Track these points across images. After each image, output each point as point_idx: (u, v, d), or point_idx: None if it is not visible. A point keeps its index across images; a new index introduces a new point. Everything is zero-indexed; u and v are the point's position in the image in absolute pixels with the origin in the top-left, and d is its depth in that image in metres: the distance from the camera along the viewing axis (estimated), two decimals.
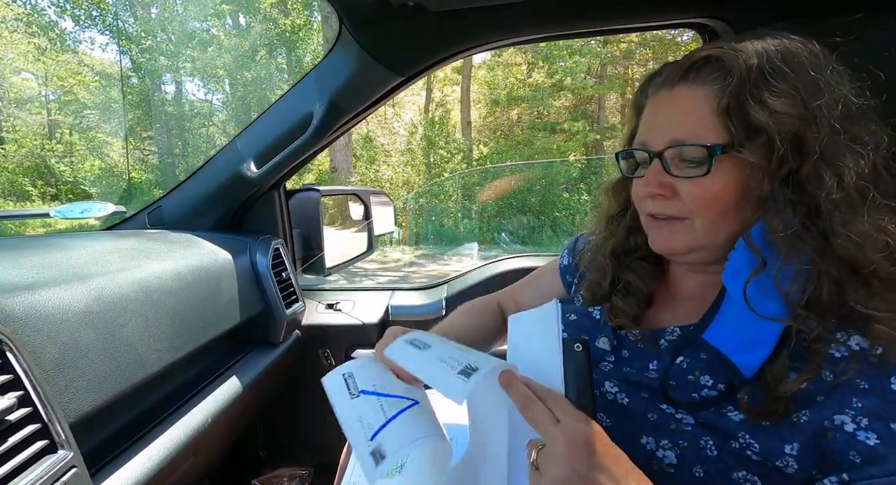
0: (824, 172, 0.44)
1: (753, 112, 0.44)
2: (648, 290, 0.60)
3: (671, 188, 0.51)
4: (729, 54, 0.47)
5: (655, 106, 0.53)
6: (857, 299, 0.42)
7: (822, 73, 0.46)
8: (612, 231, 0.64)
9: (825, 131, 0.44)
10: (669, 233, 0.53)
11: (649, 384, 0.52)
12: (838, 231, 0.43)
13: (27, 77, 14.84)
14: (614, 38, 11.41)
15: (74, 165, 14.12)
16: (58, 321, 0.57)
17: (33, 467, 0.50)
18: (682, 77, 0.50)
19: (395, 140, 12.74)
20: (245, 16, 13.11)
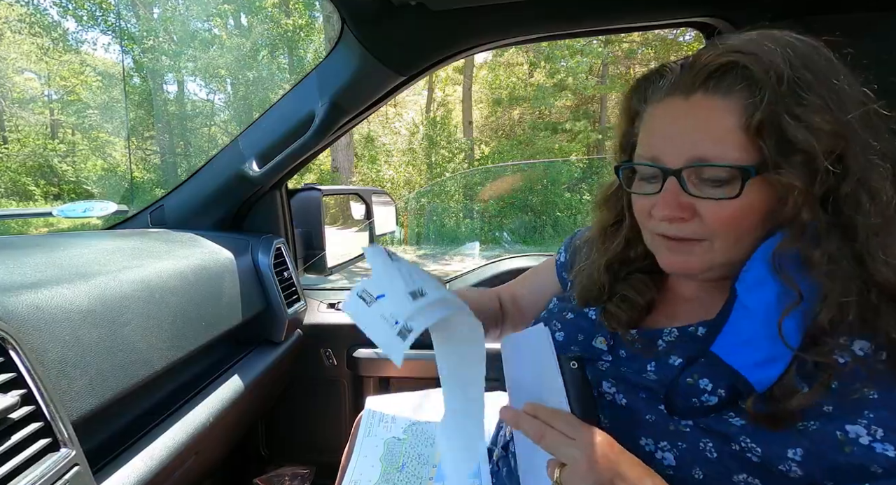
0: (861, 193, 0.41)
1: (791, 129, 0.41)
2: (646, 300, 0.57)
3: (691, 209, 0.46)
4: (755, 62, 0.42)
5: (666, 116, 0.47)
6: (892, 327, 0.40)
7: (841, 81, 0.43)
8: (608, 245, 0.61)
9: (860, 147, 0.41)
10: (686, 255, 0.49)
11: (647, 385, 0.51)
12: (877, 256, 0.40)
13: (30, 77, 14.89)
14: (616, 37, 11.39)
15: (77, 165, 14.16)
16: (60, 320, 0.58)
17: (35, 466, 0.50)
18: (701, 84, 0.44)
19: (396, 140, 12.75)
20: (247, 16, 13.13)
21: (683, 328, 0.52)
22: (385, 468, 0.73)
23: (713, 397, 0.46)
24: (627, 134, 0.54)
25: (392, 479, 0.71)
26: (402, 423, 0.83)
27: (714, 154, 0.43)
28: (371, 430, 0.79)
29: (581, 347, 0.59)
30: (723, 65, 0.44)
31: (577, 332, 0.60)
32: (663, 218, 0.48)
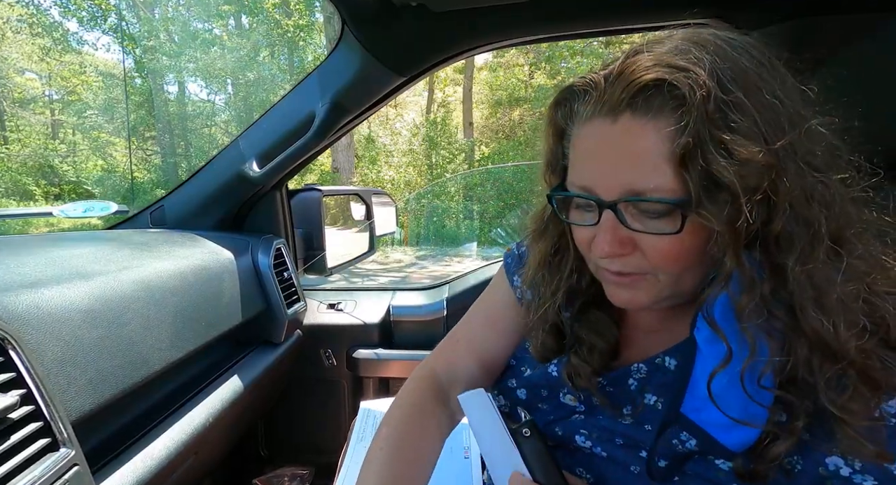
0: (793, 230, 0.36)
1: (715, 164, 0.35)
2: (609, 343, 0.51)
3: (631, 243, 0.42)
4: (681, 79, 0.36)
5: (593, 139, 0.41)
6: (828, 396, 0.35)
7: (775, 93, 0.37)
8: (555, 277, 0.53)
9: (792, 176, 0.36)
10: (633, 290, 0.45)
11: (624, 432, 0.48)
12: (807, 309, 0.36)
13: (31, 77, 14.91)
14: (616, 39, 11.39)
15: (77, 165, 14.18)
16: (60, 320, 0.58)
17: (35, 465, 0.50)
18: (629, 105, 0.38)
19: (396, 140, 12.75)
20: (248, 16, 13.15)
21: (650, 360, 0.48)
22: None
23: (693, 439, 0.42)
24: (555, 153, 0.48)
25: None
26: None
27: (648, 187, 0.38)
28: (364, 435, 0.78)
29: (549, 405, 0.54)
30: (650, 81, 0.37)
31: (539, 388, 0.55)
32: (603, 255, 0.43)
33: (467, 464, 0.68)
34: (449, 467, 0.68)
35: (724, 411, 0.39)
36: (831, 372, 0.35)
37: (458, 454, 0.70)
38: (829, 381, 0.36)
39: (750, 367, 0.37)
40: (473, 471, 0.67)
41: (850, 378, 0.35)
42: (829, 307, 0.35)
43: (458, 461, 0.68)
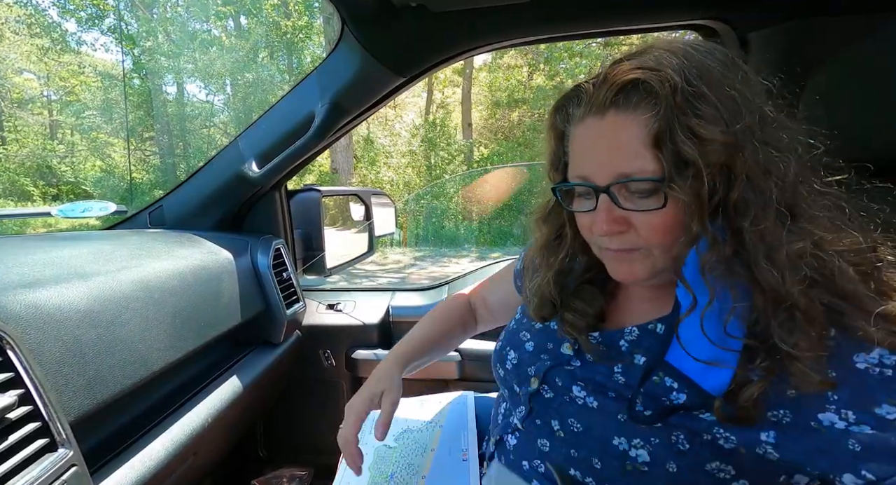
0: (749, 198, 0.42)
1: (681, 144, 0.42)
2: (595, 310, 0.59)
3: (626, 222, 0.48)
4: (654, 76, 0.43)
5: (587, 135, 0.49)
6: (779, 334, 0.41)
7: (735, 86, 0.44)
8: (551, 261, 0.61)
9: (749, 154, 0.42)
10: (630, 264, 0.51)
11: (616, 388, 0.52)
12: (760, 262, 0.42)
13: (29, 77, 14.88)
14: (615, 40, 11.41)
15: (76, 166, 14.15)
16: (59, 320, 0.57)
17: (33, 466, 0.50)
18: (612, 103, 0.46)
19: (396, 141, 12.75)
20: (246, 17, 13.15)
21: (643, 326, 0.54)
22: (373, 477, 0.72)
23: (682, 395, 0.46)
24: (557, 153, 0.55)
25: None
26: (394, 430, 0.81)
27: (633, 169, 0.45)
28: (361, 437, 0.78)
29: (550, 355, 0.60)
30: (628, 81, 0.45)
31: (545, 340, 0.62)
32: (602, 233, 0.50)
33: (465, 466, 0.68)
34: (447, 468, 0.69)
35: (695, 355, 0.45)
36: (782, 316, 0.41)
37: (457, 456, 0.70)
38: (782, 323, 0.41)
39: (717, 315, 0.44)
40: (471, 472, 0.67)
41: (797, 320, 0.41)
42: (778, 261, 0.41)
43: (457, 463, 0.69)
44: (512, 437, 0.61)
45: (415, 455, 0.73)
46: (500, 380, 0.68)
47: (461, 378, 1.31)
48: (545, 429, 0.56)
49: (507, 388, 0.65)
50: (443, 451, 0.72)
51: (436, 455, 0.71)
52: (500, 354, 0.68)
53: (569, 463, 0.52)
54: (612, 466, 0.49)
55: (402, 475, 0.70)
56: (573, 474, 0.52)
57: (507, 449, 0.61)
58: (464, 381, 1.31)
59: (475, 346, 1.32)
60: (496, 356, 0.69)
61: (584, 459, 0.51)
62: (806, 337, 0.40)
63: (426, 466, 0.70)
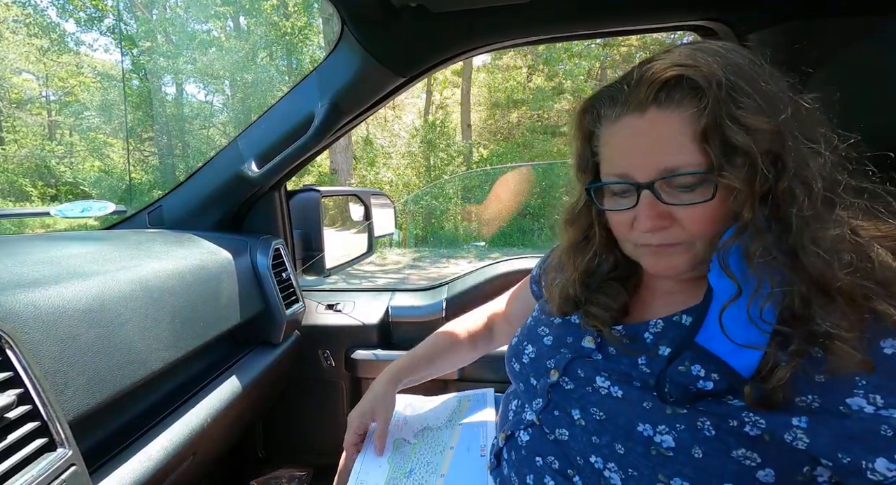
0: (796, 187, 0.43)
1: (732, 133, 0.43)
2: (619, 304, 0.60)
3: (669, 217, 0.49)
4: (696, 72, 0.45)
5: (625, 134, 0.50)
6: (822, 316, 0.42)
7: (769, 83, 0.45)
8: (577, 262, 0.62)
9: (794, 144, 0.44)
10: (670, 258, 0.52)
11: (642, 377, 0.52)
12: (808, 248, 0.42)
13: (28, 78, 14.88)
14: (614, 41, 11.44)
15: (74, 166, 14.13)
16: (58, 319, 0.57)
17: (32, 465, 0.50)
18: (653, 100, 0.47)
19: (395, 142, 12.75)
20: (246, 17, 13.14)
21: (668, 318, 0.54)
22: (392, 471, 0.72)
23: (708, 383, 0.47)
24: (584, 154, 0.56)
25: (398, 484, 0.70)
26: (414, 427, 0.81)
27: (679, 163, 0.46)
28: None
29: (570, 349, 0.61)
30: (670, 78, 0.46)
31: (565, 334, 0.63)
32: (647, 229, 0.50)
33: (483, 462, 0.69)
34: (465, 467, 0.69)
35: (732, 338, 0.45)
36: (824, 299, 0.42)
37: (476, 453, 0.71)
38: (823, 306, 0.42)
39: (754, 301, 0.44)
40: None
41: (839, 303, 0.42)
42: (824, 246, 0.42)
43: (475, 460, 0.69)
44: (524, 433, 0.61)
45: (434, 454, 0.73)
46: (515, 375, 0.68)
47: (461, 379, 1.31)
48: (565, 419, 0.56)
49: (523, 382, 0.65)
50: (461, 449, 0.72)
51: (455, 453, 0.71)
52: (516, 349, 0.68)
53: (590, 450, 0.52)
54: (635, 451, 0.48)
55: (420, 473, 0.70)
56: (593, 461, 0.52)
57: (518, 445, 0.61)
58: (463, 381, 1.31)
59: None
60: (512, 351, 0.69)
61: (607, 444, 0.51)
62: (847, 319, 0.41)
63: (445, 464, 0.70)
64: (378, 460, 0.74)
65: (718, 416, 0.45)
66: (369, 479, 0.71)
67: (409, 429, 0.81)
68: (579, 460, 0.53)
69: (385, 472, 0.71)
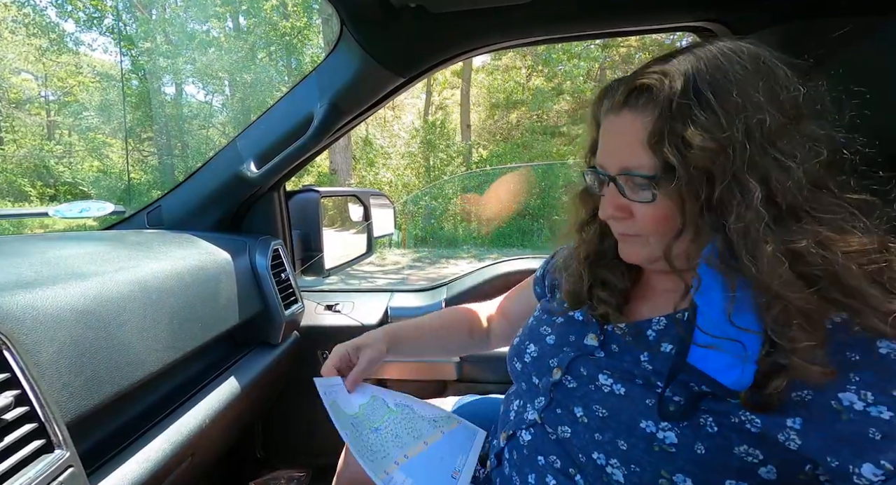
0: (733, 199, 0.44)
1: (666, 149, 0.46)
2: (623, 285, 0.62)
3: (627, 210, 0.53)
4: (659, 82, 0.47)
5: (606, 128, 0.54)
6: (773, 329, 0.42)
7: (748, 92, 0.45)
8: (584, 237, 0.66)
9: (738, 155, 0.44)
10: (632, 246, 0.56)
11: (644, 374, 0.53)
12: (743, 257, 0.44)
13: (27, 77, 14.86)
14: (613, 42, 11.45)
15: (73, 166, 14.11)
16: (55, 320, 0.57)
17: (30, 467, 0.49)
18: (625, 102, 0.51)
19: (394, 142, 12.75)
20: (245, 18, 13.14)
21: (671, 315, 0.55)
22: (361, 415, 0.69)
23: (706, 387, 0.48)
24: (594, 139, 0.59)
25: (361, 433, 0.66)
26: (398, 399, 0.77)
27: (634, 164, 0.50)
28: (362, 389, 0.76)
29: (573, 347, 0.61)
30: (639, 84, 0.49)
31: (567, 333, 0.64)
32: (604, 217, 0.56)
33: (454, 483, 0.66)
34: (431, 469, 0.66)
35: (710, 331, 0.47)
36: (776, 309, 0.42)
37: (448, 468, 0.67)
38: (776, 317, 0.43)
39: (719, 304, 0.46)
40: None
41: (791, 313, 0.42)
42: (759, 257, 0.43)
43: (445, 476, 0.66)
44: (526, 432, 0.61)
45: (406, 433, 0.70)
46: (517, 374, 0.68)
47: (459, 379, 1.31)
48: (567, 417, 0.56)
49: (525, 381, 0.65)
50: (436, 451, 0.70)
51: (427, 450, 0.69)
52: (518, 349, 0.69)
53: (592, 447, 0.52)
54: (638, 447, 0.49)
55: (386, 437, 0.67)
56: (596, 457, 0.52)
57: (519, 444, 0.61)
58: (462, 382, 1.31)
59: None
60: (514, 351, 0.70)
61: (610, 441, 0.51)
62: (802, 332, 0.42)
63: (413, 450, 0.67)
64: (350, 400, 0.71)
65: (719, 413, 0.46)
66: (339, 402, 0.69)
67: (392, 397, 0.77)
68: (581, 457, 0.53)
69: (353, 412, 0.69)
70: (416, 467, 0.64)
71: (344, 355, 0.77)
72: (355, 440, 0.64)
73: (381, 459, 0.62)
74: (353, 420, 0.68)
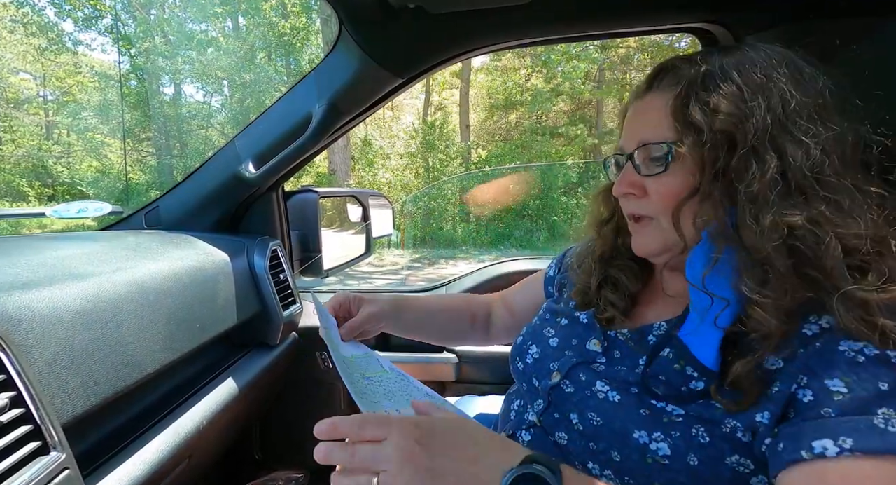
0: (749, 167, 0.46)
1: (693, 111, 0.49)
2: (634, 287, 0.63)
3: (641, 187, 0.55)
4: (682, 65, 0.53)
5: (630, 114, 0.58)
6: (748, 285, 0.45)
7: (772, 74, 0.48)
8: (601, 235, 0.67)
9: (759, 126, 0.46)
10: (645, 235, 0.57)
11: (639, 382, 0.53)
12: (745, 221, 0.46)
13: (25, 77, 14.83)
14: (612, 43, 11.47)
15: (72, 166, 14.09)
16: (52, 321, 0.57)
17: (25, 469, 0.49)
18: (649, 87, 0.55)
19: (394, 143, 12.75)
20: (244, 18, 13.13)
21: (671, 320, 0.56)
22: (353, 362, 0.67)
23: (700, 383, 0.49)
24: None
25: (353, 374, 0.63)
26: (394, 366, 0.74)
27: (651, 136, 0.53)
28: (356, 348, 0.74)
29: (575, 351, 0.61)
30: (662, 66, 0.55)
31: (571, 336, 0.64)
32: (618, 194, 0.58)
33: None
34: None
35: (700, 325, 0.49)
36: (757, 270, 0.45)
37: None
38: (753, 275, 0.45)
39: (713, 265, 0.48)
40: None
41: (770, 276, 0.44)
42: (761, 222, 0.45)
43: None
44: (526, 433, 0.61)
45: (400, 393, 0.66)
46: (518, 374, 0.68)
47: (458, 380, 1.30)
48: (564, 423, 0.57)
49: (525, 382, 0.66)
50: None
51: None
52: (520, 349, 0.69)
53: (587, 456, 0.53)
54: (631, 458, 0.49)
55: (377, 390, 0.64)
56: (591, 467, 0.52)
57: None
58: (460, 383, 1.31)
59: (471, 348, 1.32)
60: (516, 350, 0.70)
61: (604, 451, 0.51)
62: (773, 289, 0.44)
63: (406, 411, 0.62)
64: (343, 346, 0.70)
65: (711, 422, 0.46)
66: (333, 337, 0.68)
67: (389, 363, 0.74)
68: (578, 465, 0.53)
69: (347, 355, 0.67)
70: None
71: (344, 302, 0.77)
72: (347, 374, 0.61)
73: (371, 403, 0.59)
74: (345, 360, 0.65)
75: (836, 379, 0.41)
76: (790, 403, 0.43)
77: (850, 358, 0.42)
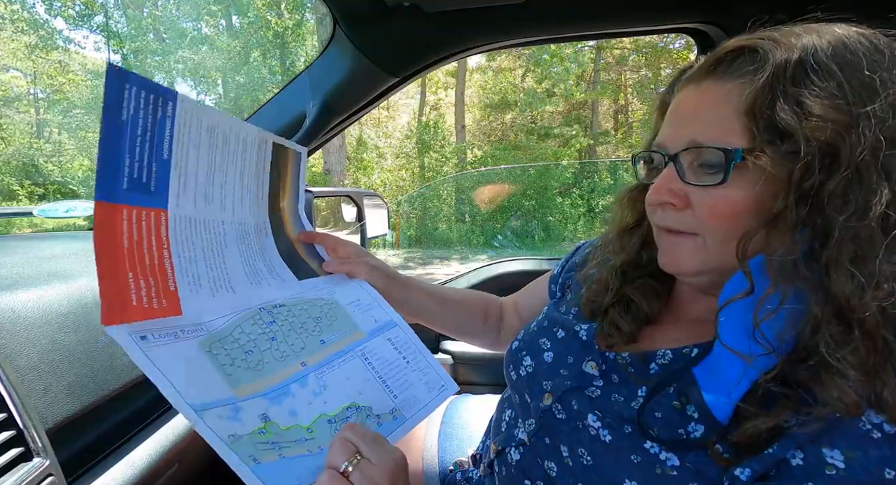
0: (851, 193, 0.36)
1: (782, 112, 0.38)
2: (649, 310, 0.54)
3: (684, 198, 0.44)
4: (766, 45, 0.40)
5: (678, 103, 0.47)
6: (828, 346, 0.36)
7: (880, 74, 0.38)
8: (624, 245, 0.58)
9: (866, 143, 0.36)
10: (678, 250, 0.47)
11: (633, 417, 0.46)
12: (843, 265, 0.36)
13: (15, 75, 14.65)
14: (607, 44, 11.53)
15: (63, 165, 13.95)
16: (37, 323, 0.56)
17: (7, 476, 0.48)
18: (711, 70, 0.43)
19: (389, 143, 12.74)
20: (238, 16, 13.07)
21: (677, 350, 0.48)
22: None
23: (700, 427, 0.42)
24: (657, 127, 0.52)
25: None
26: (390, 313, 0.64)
27: (707, 137, 0.42)
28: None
29: (570, 373, 0.55)
30: (735, 49, 0.43)
31: (566, 353, 0.57)
32: (653, 202, 0.47)
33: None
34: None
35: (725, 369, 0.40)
36: (838, 329, 0.36)
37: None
38: (834, 335, 0.36)
39: (761, 307, 0.38)
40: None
41: (855, 335, 0.35)
42: (864, 269, 0.36)
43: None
44: (515, 451, 0.57)
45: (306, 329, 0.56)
46: (511, 383, 0.63)
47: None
48: (554, 452, 0.51)
49: (518, 395, 0.61)
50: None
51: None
52: (515, 357, 0.63)
53: None
54: None
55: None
56: None
57: (508, 462, 0.57)
58: (459, 384, 1.30)
59: (467, 348, 1.31)
60: (510, 357, 0.65)
61: None
62: (857, 355, 0.35)
63: (314, 356, 0.53)
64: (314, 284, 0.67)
65: (709, 480, 0.40)
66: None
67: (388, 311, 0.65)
68: None
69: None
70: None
71: (334, 244, 0.75)
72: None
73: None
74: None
75: (836, 450, 0.35)
76: (778, 463, 0.37)
77: (866, 431, 0.35)
